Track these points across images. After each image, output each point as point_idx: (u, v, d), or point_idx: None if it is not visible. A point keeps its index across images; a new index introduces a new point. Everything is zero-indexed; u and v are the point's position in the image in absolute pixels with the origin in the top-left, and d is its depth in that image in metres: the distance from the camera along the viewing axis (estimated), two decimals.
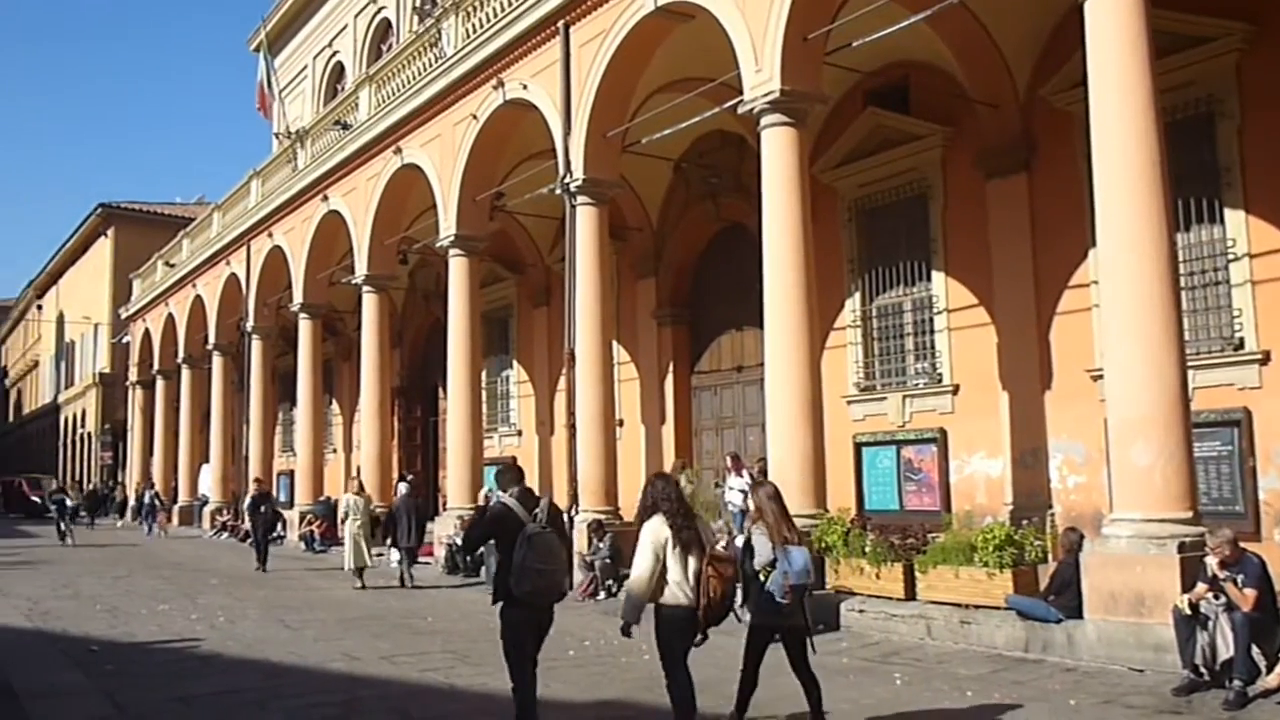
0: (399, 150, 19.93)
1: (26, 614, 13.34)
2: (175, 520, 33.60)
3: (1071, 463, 13.26)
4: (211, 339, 31.32)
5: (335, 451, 29.91)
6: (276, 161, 27.35)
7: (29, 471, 49.40)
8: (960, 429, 14.50)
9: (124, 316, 41.76)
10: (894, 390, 15.39)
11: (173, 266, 35.50)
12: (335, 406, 30.72)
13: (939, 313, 14.83)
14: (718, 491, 16.31)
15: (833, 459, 12.70)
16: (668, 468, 18.42)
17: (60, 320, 56.77)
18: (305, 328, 25.09)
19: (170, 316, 35.59)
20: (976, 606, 9.99)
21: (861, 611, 10.86)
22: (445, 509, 20.38)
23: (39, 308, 62.28)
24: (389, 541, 17.24)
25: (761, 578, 6.61)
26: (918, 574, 10.74)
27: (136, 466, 39.76)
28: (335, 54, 33.96)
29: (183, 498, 34.57)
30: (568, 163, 15.31)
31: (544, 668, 6.79)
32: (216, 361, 31.47)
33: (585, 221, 15.38)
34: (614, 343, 16.80)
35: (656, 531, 6.24)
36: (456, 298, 18.60)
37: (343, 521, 17.13)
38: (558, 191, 15.73)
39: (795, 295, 12.04)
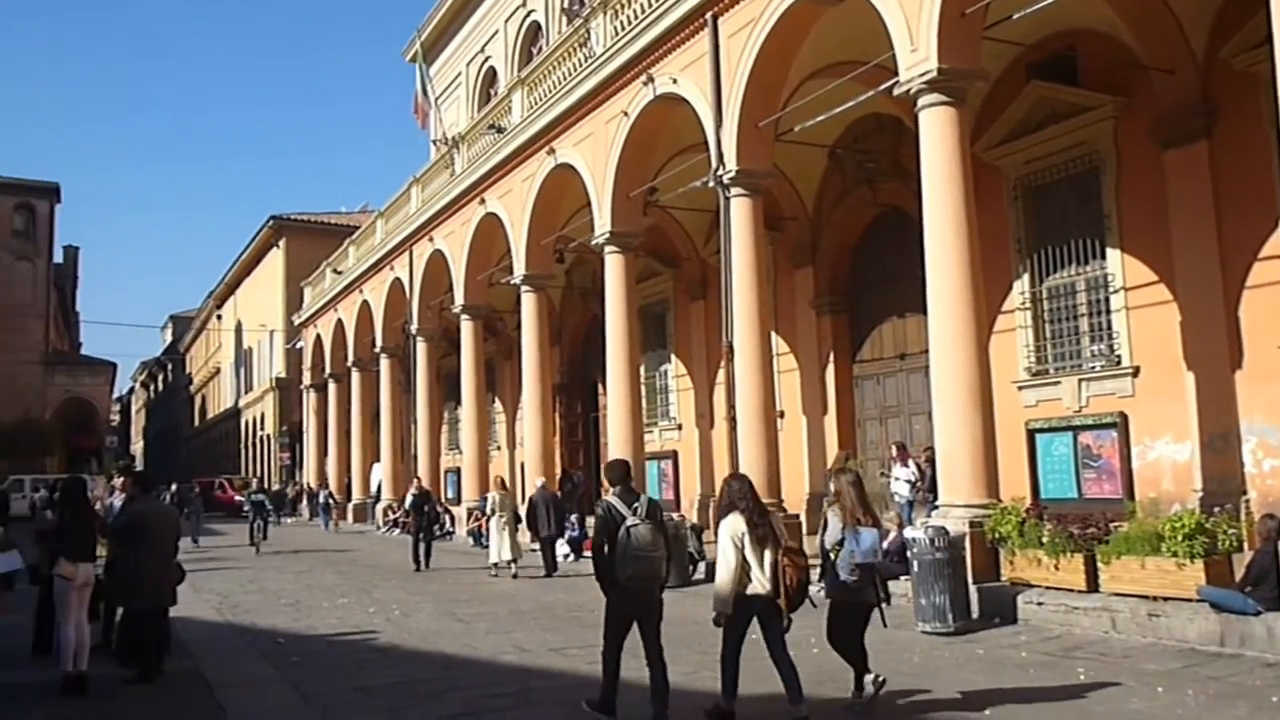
0: (552, 151, 20.33)
1: (217, 608, 14.09)
2: (349, 517, 35.24)
3: (1267, 445, 12.56)
4: (379, 342, 32.63)
5: (499, 448, 30.75)
6: (435, 168, 28.27)
7: (219, 473, 52.50)
8: (1142, 412, 13.90)
9: (297, 323, 43.92)
10: (1068, 374, 14.86)
11: (340, 273, 37.13)
12: (498, 404, 31.57)
13: (1115, 291, 14.26)
14: (884, 482, 16.07)
15: (1004, 446, 12.34)
16: (830, 459, 18.35)
17: (238, 328, 60.13)
18: (467, 328, 25.85)
19: (340, 322, 37.23)
20: (1165, 598, 9.56)
21: (1040, 604, 10.54)
22: None
23: (219, 317, 66.12)
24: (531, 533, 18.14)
25: (831, 556, 7.31)
26: (1100, 565, 10.34)
27: (312, 466, 41.80)
28: (487, 59, 34.83)
29: (356, 495, 36.15)
30: (720, 155, 15.33)
31: (713, 658, 7.12)
32: (384, 364, 32.79)
33: (740, 213, 15.37)
34: (772, 334, 16.72)
35: (734, 527, 6.91)
36: (613, 294, 18.86)
37: (489, 517, 18.22)
38: (711, 184, 15.76)
39: (959, 279, 11.77)
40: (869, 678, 7.23)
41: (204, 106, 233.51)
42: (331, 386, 38.86)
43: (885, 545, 12.22)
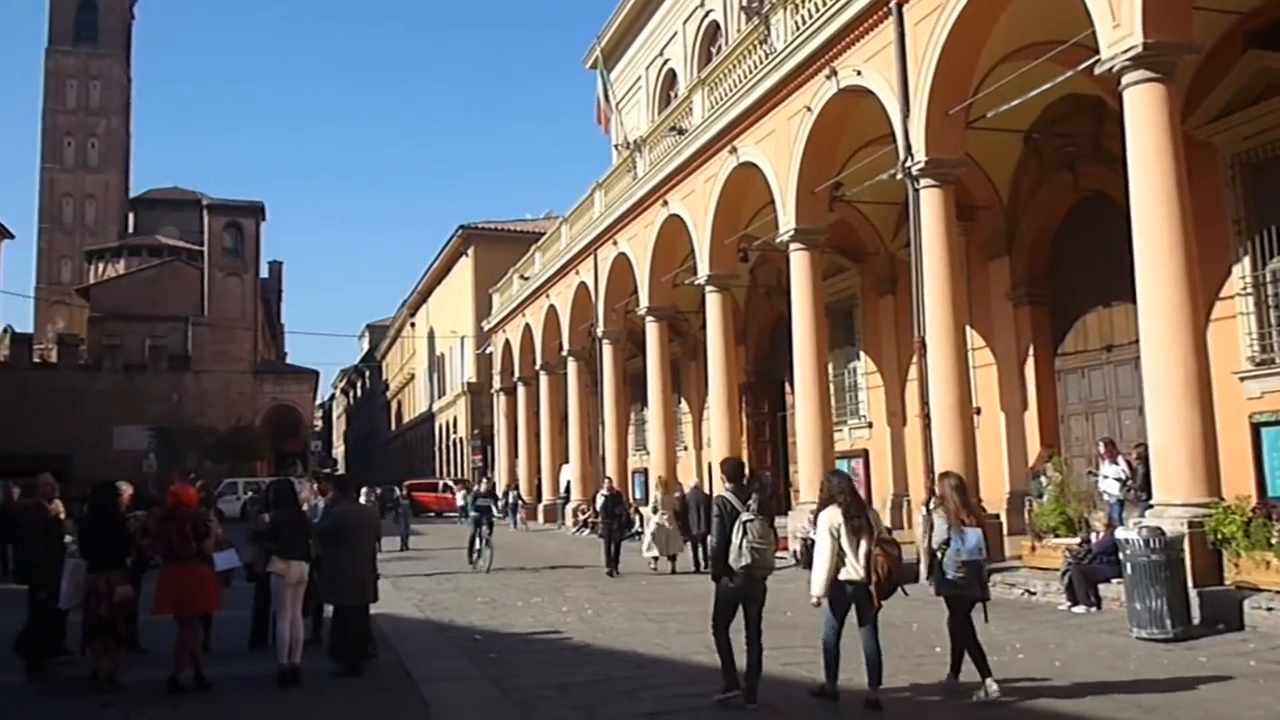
0: (734, 149, 20.40)
1: (417, 605, 14.71)
2: (540, 517, 36.27)
3: None
4: (566, 346, 33.42)
5: (686, 448, 31.01)
6: (617, 172, 28.77)
7: (413, 474, 54.90)
8: None
9: (486, 329, 45.44)
10: None
11: (527, 279, 38.22)
12: (684, 405, 31.85)
13: None
14: (1091, 480, 15.42)
15: (1225, 441, 11.67)
16: (1031, 457, 17.75)
17: (431, 335, 62.65)
18: (652, 330, 26.20)
19: (527, 326, 38.32)
20: None
21: (1270, 610, 9.94)
22: (798, 503, 20.60)
23: (412, 325, 69.08)
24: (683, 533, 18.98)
25: (939, 555, 8.00)
26: None
27: (503, 467, 43.18)
28: (667, 62, 35.20)
29: (546, 496, 37.12)
30: (908, 146, 15.05)
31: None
32: (571, 367, 33.56)
33: (930, 204, 15.06)
34: (967, 327, 16.28)
35: (831, 519, 7.72)
36: (799, 291, 18.77)
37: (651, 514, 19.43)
38: (899, 176, 15.49)
39: (1173, 264, 11.19)
40: (989, 682, 7.69)
41: (396, 122, 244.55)
42: (521, 390, 40.02)
43: (1094, 546, 11.85)
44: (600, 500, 22.36)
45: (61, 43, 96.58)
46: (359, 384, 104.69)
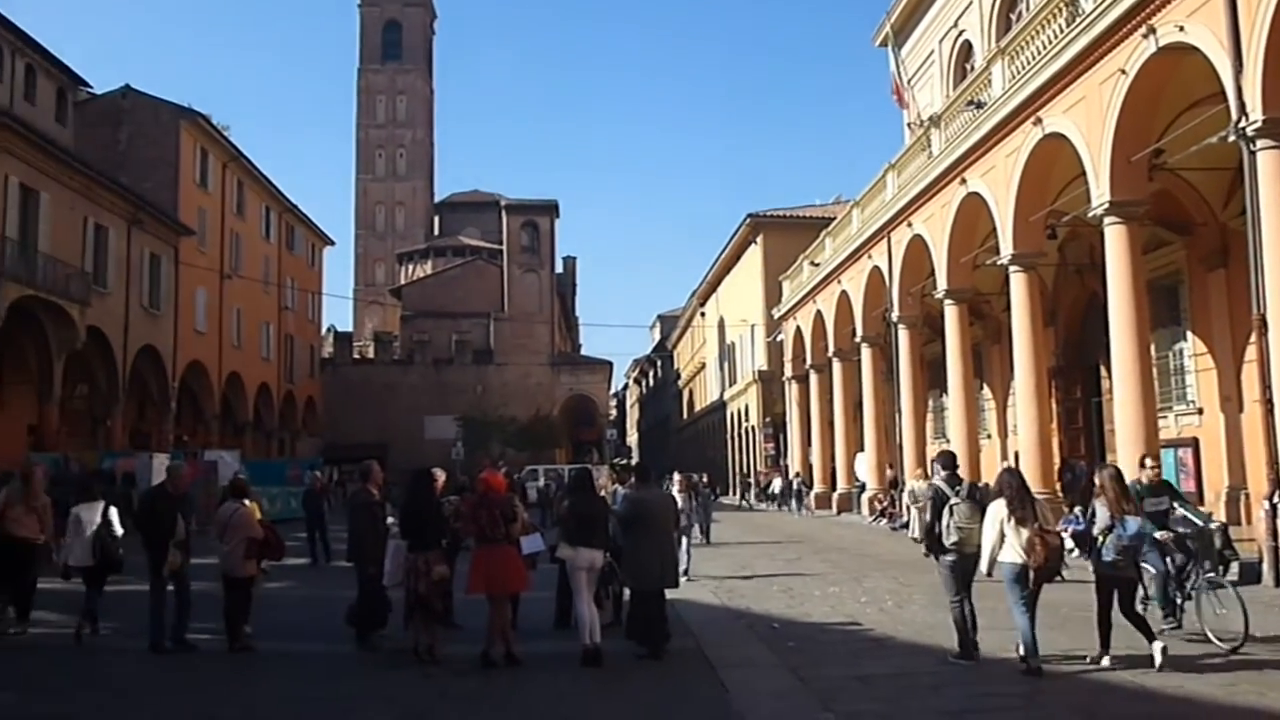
0: (1038, 120, 19.58)
1: (714, 592, 15.06)
2: (834, 506, 36.26)
3: None
4: (859, 332, 33.18)
5: (989, 437, 30.07)
6: (910, 152, 28.24)
7: (705, 463, 56.11)
8: None
9: (776, 316, 45.77)
10: None
11: (817, 265, 38.19)
12: (986, 391, 30.89)
13: None
14: None
15: None
16: None
17: (721, 324, 63.72)
18: (951, 314, 25.56)
19: (818, 313, 38.29)
20: None
21: None
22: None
23: (702, 314, 70.49)
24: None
25: (1100, 540, 8.99)
26: None
27: (796, 456, 43.42)
28: (961, 34, 34.15)
29: (840, 485, 37.02)
30: (1241, 105, 13.95)
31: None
32: (865, 353, 33.29)
33: (1269, 167, 13.86)
34: None
35: (998, 510, 9.03)
36: (1115, 268, 17.80)
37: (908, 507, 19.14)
38: (1231, 139, 14.39)
39: None
40: (1105, 658, 8.95)
41: (683, 113, 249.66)
42: (813, 377, 40.08)
43: None
44: (919, 487, 22.04)
45: (371, 62, 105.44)
46: (651, 373, 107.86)
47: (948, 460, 9.86)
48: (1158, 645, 8.75)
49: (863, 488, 33.96)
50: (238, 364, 50.84)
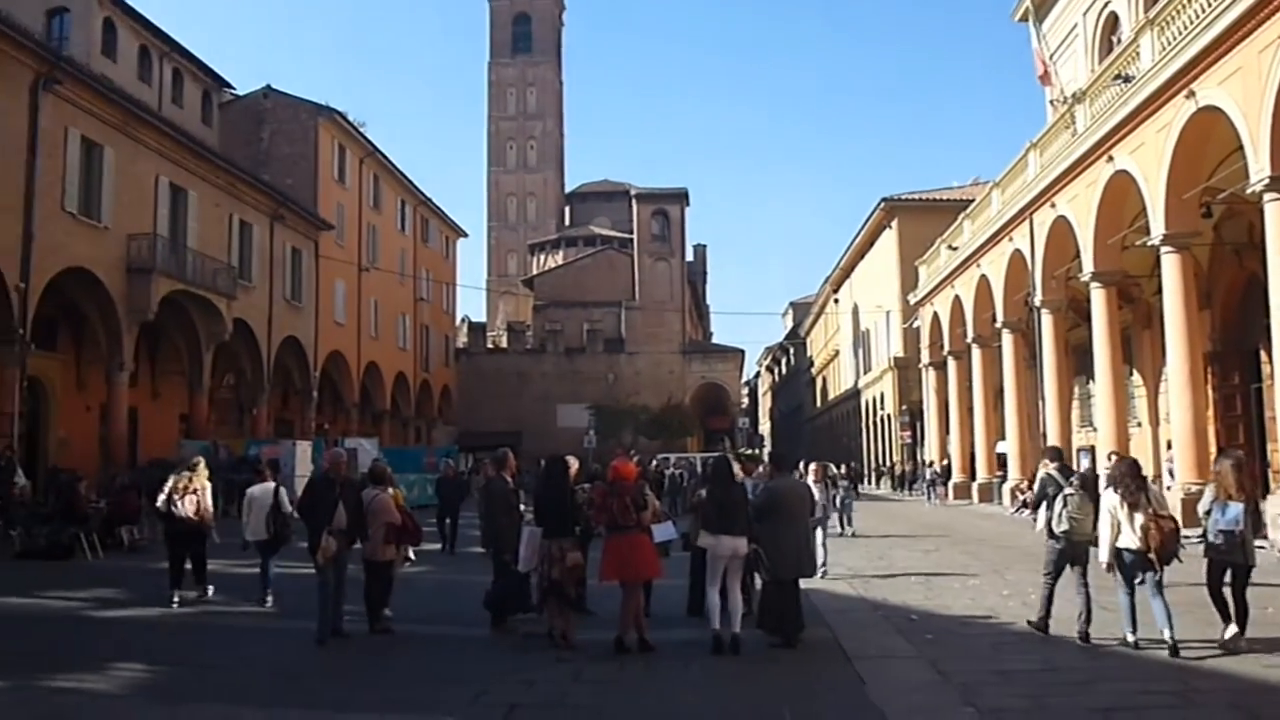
0: (1191, 94, 18.78)
1: (849, 582, 14.96)
2: (974, 496, 35.55)
3: None
4: (999, 317, 32.39)
5: (1139, 425, 29.01)
6: (1053, 129, 27.40)
7: (840, 452, 55.57)
8: None
9: (912, 302, 45.01)
10: None
11: (955, 249, 37.39)
12: (1136, 377, 29.79)
13: None
14: None
15: None
16: None
17: (854, 311, 62.99)
18: (1098, 297, 24.75)
19: (956, 298, 37.52)
20: None
21: None
22: (1278, 485, 18.73)
23: (835, 301, 69.78)
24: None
25: (1204, 523, 9.57)
26: None
27: (934, 444, 42.67)
28: (1107, 5, 32.87)
29: (980, 474, 36.25)
30: None
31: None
32: (1006, 339, 32.49)
33: None
34: None
35: (1111, 499, 9.54)
36: (1276, 247, 16.96)
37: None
38: None
39: None
40: (1229, 629, 9.30)
41: (813, 97, 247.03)
42: (951, 364, 39.33)
43: None
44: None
45: (500, 55, 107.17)
46: (783, 361, 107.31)
47: (1055, 454, 11.13)
48: (1229, 628, 9.33)
49: (1004, 478, 33.18)
50: (375, 354, 52.53)
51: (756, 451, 50.66)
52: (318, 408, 46.02)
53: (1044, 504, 11.02)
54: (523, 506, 11.80)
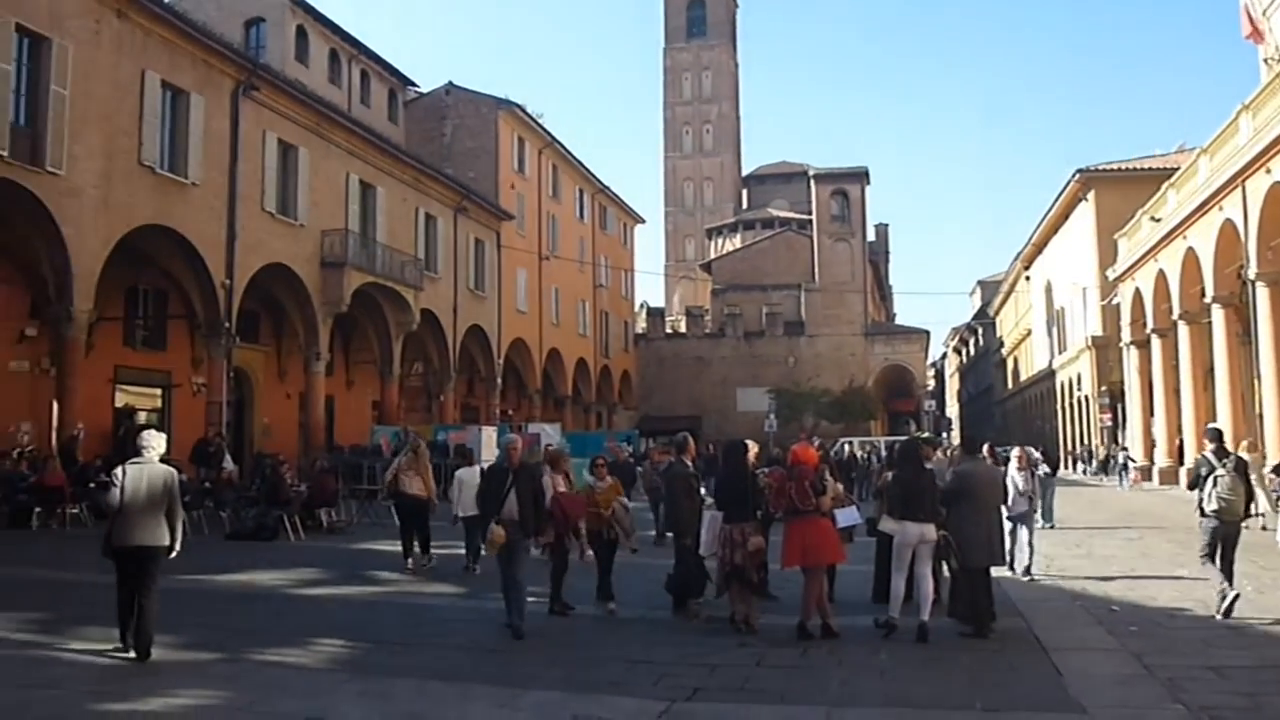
0: None
1: (1045, 571, 14.38)
2: (1181, 482, 33.52)
3: None
4: (1209, 292, 30.59)
5: None
6: (1268, 89, 25.64)
7: (1032, 435, 53.63)
8: None
9: (1111, 278, 42.96)
10: None
11: (1158, 220, 35.44)
12: None
13: None
14: None
15: None
16: None
17: (1048, 288, 60.56)
18: None
19: (1160, 272, 35.60)
20: None
21: None
22: None
23: (1027, 278, 67.30)
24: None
25: None
26: None
27: (1138, 427, 40.68)
28: None
29: (1188, 459, 34.35)
30: None
31: None
32: (1216, 314, 30.65)
33: None
34: None
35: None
36: None
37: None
38: None
39: None
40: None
41: (1001, 67, 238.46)
42: (1155, 342, 37.44)
43: None
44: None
45: (675, 40, 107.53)
46: (971, 342, 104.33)
47: (1214, 435, 11.30)
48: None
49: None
50: (556, 340, 53.73)
51: (932, 434, 49.41)
52: (501, 394, 47.40)
53: (1198, 484, 10.77)
54: (702, 491, 11.80)
